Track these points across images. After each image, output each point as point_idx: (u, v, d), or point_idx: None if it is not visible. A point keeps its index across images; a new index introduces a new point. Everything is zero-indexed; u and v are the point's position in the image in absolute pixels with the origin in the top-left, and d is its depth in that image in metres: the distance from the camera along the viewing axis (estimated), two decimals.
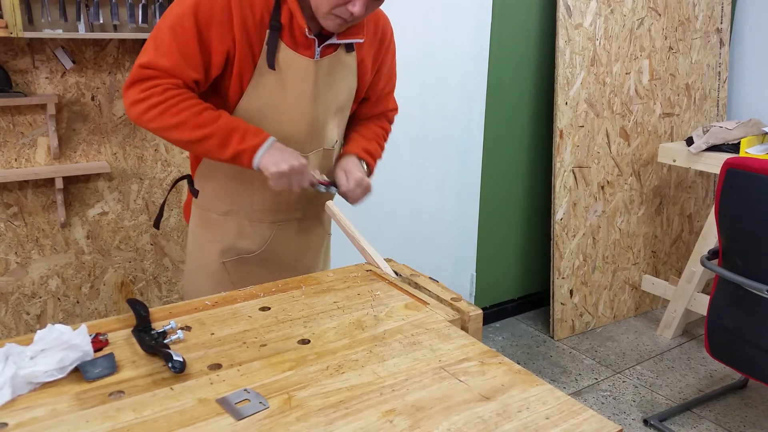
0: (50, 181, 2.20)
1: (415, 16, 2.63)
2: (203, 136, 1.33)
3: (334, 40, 1.42)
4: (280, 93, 1.41)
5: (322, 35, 1.42)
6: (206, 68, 1.36)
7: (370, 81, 1.57)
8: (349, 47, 1.46)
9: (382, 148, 1.66)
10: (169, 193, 1.74)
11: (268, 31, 1.36)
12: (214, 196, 1.53)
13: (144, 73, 1.32)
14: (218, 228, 1.55)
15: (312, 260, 1.66)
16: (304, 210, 1.58)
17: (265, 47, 1.36)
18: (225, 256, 1.55)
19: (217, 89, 1.43)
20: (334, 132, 1.54)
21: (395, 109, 1.73)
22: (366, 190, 1.50)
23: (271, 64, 1.37)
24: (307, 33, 1.37)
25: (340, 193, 1.50)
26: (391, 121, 1.73)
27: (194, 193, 1.58)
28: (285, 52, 1.38)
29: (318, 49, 1.41)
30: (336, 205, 1.54)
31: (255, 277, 1.52)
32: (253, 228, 1.54)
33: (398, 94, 1.73)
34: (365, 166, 1.56)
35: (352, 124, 1.66)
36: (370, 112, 1.66)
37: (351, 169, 1.50)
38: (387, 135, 1.71)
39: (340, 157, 1.57)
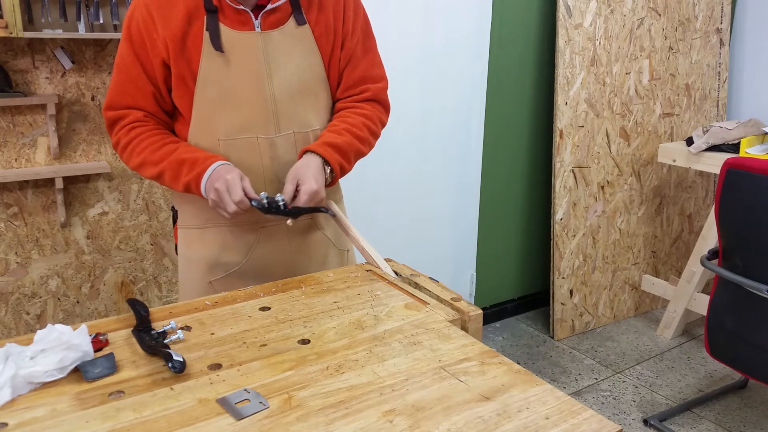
0: (50, 181, 2.20)
1: (415, 15, 2.63)
2: (160, 172, 1.37)
3: (270, 6, 1.36)
4: (230, 77, 1.36)
5: (259, 6, 1.37)
6: (155, 85, 1.38)
7: (338, 54, 1.46)
8: (300, 20, 1.39)
9: (360, 139, 1.45)
10: (175, 223, 1.60)
11: (205, 17, 1.33)
12: (191, 210, 1.47)
13: (109, 116, 1.41)
14: (199, 243, 1.47)
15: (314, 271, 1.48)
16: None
17: (205, 34, 1.33)
18: (211, 275, 1.47)
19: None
20: (307, 116, 1.43)
21: (382, 80, 1.54)
22: (318, 204, 1.36)
23: (218, 46, 1.33)
24: (233, 4, 1.33)
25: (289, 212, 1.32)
26: (379, 101, 1.53)
27: (175, 214, 1.53)
28: (225, 33, 1.34)
29: (257, 21, 1.36)
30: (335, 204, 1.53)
31: None
32: (234, 235, 1.45)
33: (398, 94, 1.69)
34: (328, 168, 1.39)
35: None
36: (350, 81, 1.50)
37: (304, 175, 1.34)
38: (372, 122, 1.49)
39: (300, 155, 1.41)
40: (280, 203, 1.31)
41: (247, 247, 1.46)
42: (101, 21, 2.13)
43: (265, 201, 1.30)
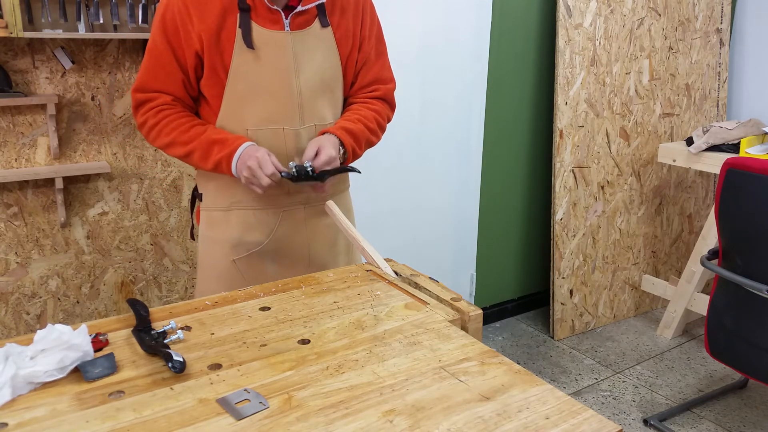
0: (50, 181, 2.20)
1: (415, 15, 2.63)
2: (189, 151, 1.47)
3: (300, 8, 1.46)
4: (260, 72, 1.46)
5: (289, 7, 1.47)
6: (185, 73, 1.47)
7: (355, 56, 1.57)
8: (324, 22, 1.49)
9: (370, 130, 1.58)
10: (192, 205, 1.70)
11: (238, 14, 1.42)
12: (216, 193, 1.57)
13: (137, 97, 1.50)
14: (223, 225, 1.56)
15: (327, 257, 1.62)
16: (307, 193, 1.56)
17: (238, 31, 1.42)
18: (234, 253, 1.56)
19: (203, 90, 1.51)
20: (325, 110, 1.55)
21: (391, 81, 1.67)
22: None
23: (249, 44, 1.43)
24: (268, 3, 1.42)
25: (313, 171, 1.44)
26: (387, 100, 1.66)
27: (199, 197, 1.62)
28: (257, 31, 1.44)
29: (287, 21, 1.45)
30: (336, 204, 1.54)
31: (268, 274, 1.55)
32: (258, 218, 1.55)
33: (398, 94, 1.72)
34: (342, 148, 1.51)
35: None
36: (364, 82, 1.62)
37: (324, 144, 1.46)
38: (381, 116, 1.63)
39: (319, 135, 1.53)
40: (308, 169, 1.43)
41: (269, 229, 1.56)
42: (101, 21, 2.13)
43: (294, 170, 1.43)
